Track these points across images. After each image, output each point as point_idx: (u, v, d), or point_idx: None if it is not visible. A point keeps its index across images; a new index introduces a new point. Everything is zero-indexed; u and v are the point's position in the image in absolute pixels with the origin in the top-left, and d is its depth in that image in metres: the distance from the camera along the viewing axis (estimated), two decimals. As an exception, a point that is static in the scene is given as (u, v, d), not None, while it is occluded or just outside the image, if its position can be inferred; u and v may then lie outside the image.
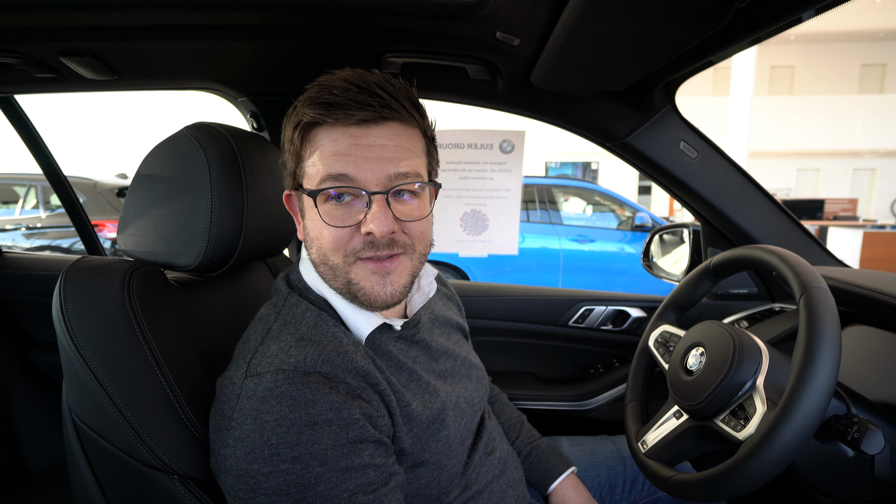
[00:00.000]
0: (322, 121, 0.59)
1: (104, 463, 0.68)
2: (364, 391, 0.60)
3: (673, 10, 0.63)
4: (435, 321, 0.82)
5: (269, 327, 0.64)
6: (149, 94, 1.24)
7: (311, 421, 0.54)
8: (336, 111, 0.58)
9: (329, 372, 0.58)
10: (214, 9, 0.79)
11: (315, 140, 0.61)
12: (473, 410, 0.78)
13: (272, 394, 0.55)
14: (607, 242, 4.84)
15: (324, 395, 0.55)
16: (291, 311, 0.65)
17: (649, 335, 0.92)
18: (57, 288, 0.66)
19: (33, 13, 0.80)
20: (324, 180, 0.60)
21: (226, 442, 0.56)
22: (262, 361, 0.59)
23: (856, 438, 0.63)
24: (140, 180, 0.73)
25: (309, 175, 0.62)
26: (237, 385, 0.58)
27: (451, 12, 0.76)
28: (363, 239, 0.61)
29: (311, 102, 0.59)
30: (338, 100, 0.58)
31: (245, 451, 0.54)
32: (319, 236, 0.63)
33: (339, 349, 0.61)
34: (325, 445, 0.54)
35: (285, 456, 0.53)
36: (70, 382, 0.68)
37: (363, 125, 0.59)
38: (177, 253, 0.71)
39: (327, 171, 0.59)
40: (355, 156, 0.59)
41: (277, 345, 0.60)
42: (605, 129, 1.14)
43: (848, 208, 10.89)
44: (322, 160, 0.60)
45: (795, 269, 0.67)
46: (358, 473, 0.55)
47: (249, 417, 0.55)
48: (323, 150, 0.60)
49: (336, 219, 0.61)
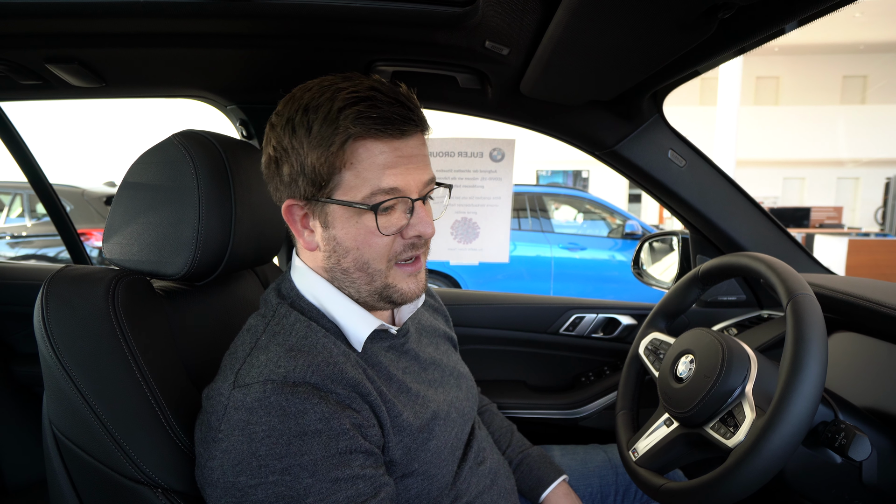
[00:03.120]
0: (366, 133, 0.59)
1: (85, 477, 0.66)
2: (354, 401, 0.60)
3: (658, 21, 0.64)
4: (422, 331, 0.82)
5: (258, 338, 0.63)
6: (138, 101, 1.23)
7: (300, 431, 0.53)
8: (384, 124, 0.59)
9: (319, 382, 0.57)
10: (203, 17, 0.79)
11: (356, 151, 0.60)
12: (463, 420, 0.77)
13: (261, 404, 0.54)
14: (598, 250, 4.87)
15: (313, 405, 0.55)
16: (281, 322, 0.65)
17: (639, 343, 0.92)
18: (39, 297, 0.65)
19: (19, 20, 0.80)
20: (375, 193, 0.61)
21: (212, 454, 0.55)
22: (250, 372, 0.58)
23: (843, 445, 0.64)
24: (127, 188, 0.72)
25: (351, 186, 0.61)
26: (224, 396, 0.57)
27: (440, 22, 0.77)
28: (403, 243, 0.65)
29: (357, 116, 0.58)
30: (384, 114, 0.59)
31: (232, 464, 0.53)
32: (363, 245, 0.63)
33: (328, 359, 0.60)
34: (314, 456, 0.53)
35: (274, 467, 0.52)
36: (51, 394, 0.66)
37: (402, 137, 0.62)
38: (164, 261, 0.70)
39: (379, 184, 0.60)
40: (401, 167, 0.62)
41: (266, 355, 0.59)
42: (594, 137, 1.15)
43: (833, 216, 11.06)
44: (370, 172, 0.60)
45: (782, 276, 0.68)
46: (348, 484, 0.54)
47: (237, 429, 0.54)
48: (373, 163, 0.60)
49: (386, 228, 0.63)
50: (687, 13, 0.61)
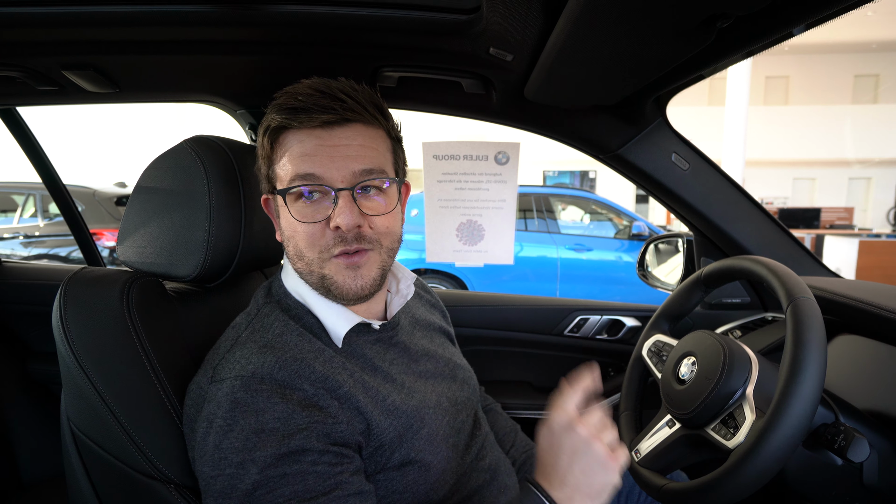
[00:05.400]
0: (288, 124, 0.63)
1: (102, 472, 0.68)
2: (321, 398, 0.61)
3: (656, 30, 0.65)
4: (416, 324, 0.84)
5: (239, 335, 0.66)
6: (147, 104, 1.25)
7: (258, 428, 0.56)
8: (301, 115, 0.62)
9: (285, 379, 0.60)
10: (214, 25, 0.81)
11: (283, 143, 0.65)
12: (457, 409, 0.78)
13: (228, 399, 0.58)
14: (605, 251, 4.86)
15: (274, 403, 0.58)
16: (262, 321, 0.68)
17: (643, 345, 0.93)
18: (57, 298, 0.67)
19: (37, 28, 0.82)
20: (293, 180, 0.63)
21: (191, 444, 0.60)
22: (225, 367, 0.61)
23: (843, 446, 0.64)
24: (140, 192, 0.74)
25: (280, 177, 0.65)
26: (203, 389, 0.61)
27: (445, 29, 0.78)
28: (333, 234, 0.64)
29: (279, 108, 0.63)
30: (303, 104, 0.62)
31: (201, 454, 0.57)
32: (294, 234, 0.66)
33: (297, 356, 0.62)
34: (266, 452, 0.55)
35: (231, 461, 0.55)
36: (69, 392, 0.69)
37: (327, 127, 0.63)
38: (175, 264, 0.72)
39: (296, 171, 0.63)
40: (321, 156, 0.63)
41: (241, 352, 0.63)
42: (598, 141, 1.16)
43: (844, 217, 10.94)
44: (291, 161, 0.63)
45: (783, 279, 0.69)
46: (296, 479, 0.56)
47: (206, 421, 0.58)
48: (291, 152, 0.64)
49: (306, 216, 0.64)
50: (685, 23, 0.61)
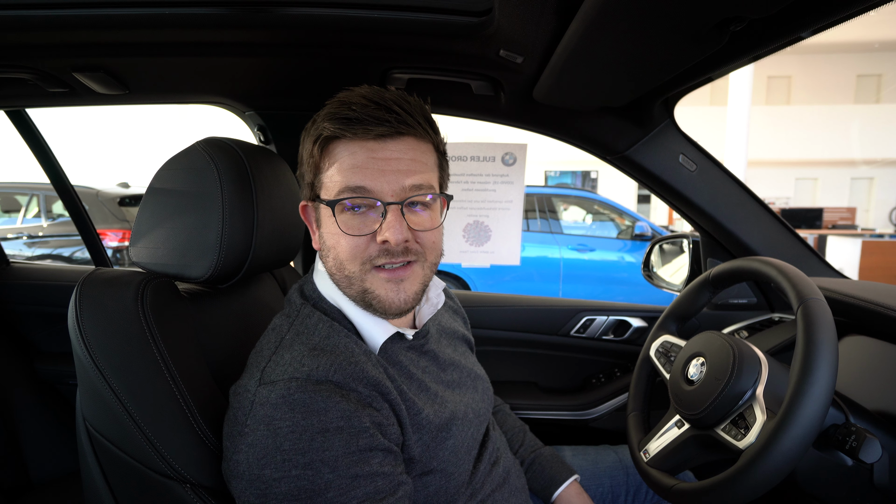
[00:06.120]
0: (341, 135, 0.62)
1: (117, 471, 0.69)
2: (375, 400, 0.61)
3: (670, 33, 0.65)
4: (442, 332, 0.84)
5: (283, 337, 0.65)
6: (152, 105, 1.26)
7: (322, 428, 0.55)
8: (355, 126, 0.61)
9: (341, 381, 0.59)
10: (224, 27, 0.82)
11: (334, 153, 0.63)
12: (479, 421, 0.79)
13: (285, 401, 0.56)
14: (607, 251, 4.85)
15: (335, 403, 0.57)
16: (304, 322, 0.67)
17: (650, 345, 0.93)
18: (73, 299, 0.68)
19: (49, 31, 0.83)
20: (342, 191, 0.62)
21: (238, 448, 0.57)
22: (275, 370, 0.60)
23: (854, 447, 0.64)
24: (153, 194, 0.74)
25: (327, 186, 0.64)
26: (251, 392, 0.59)
27: (456, 31, 0.78)
28: (378, 247, 0.63)
29: (332, 117, 0.62)
30: (357, 115, 0.60)
31: (258, 457, 0.55)
32: (336, 245, 0.65)
33: (350, 359, 0.62)
34: (335, 452, 0.55)
35: (297, 462, 0.54)
36: (84, 391, 0.69)
37: (380, 139, 0.62)
38: (188, 265, 0.72)
39: (345, 182, 0.62)
40: (372, 168, 0.61)
41: (290, 354, 0.61)
42: (606, 142, 1.16)
43: (847, 217, 10.91)
44: (340, 172, 0.62)
45: (793, 280, 0.69)
46: (367, 481, 0.56)
47: (262, 423, 0.56)
48: (341, 163, 0.62)
49: (352, 228, 0.63)
50: (699, 26, 0.62)
